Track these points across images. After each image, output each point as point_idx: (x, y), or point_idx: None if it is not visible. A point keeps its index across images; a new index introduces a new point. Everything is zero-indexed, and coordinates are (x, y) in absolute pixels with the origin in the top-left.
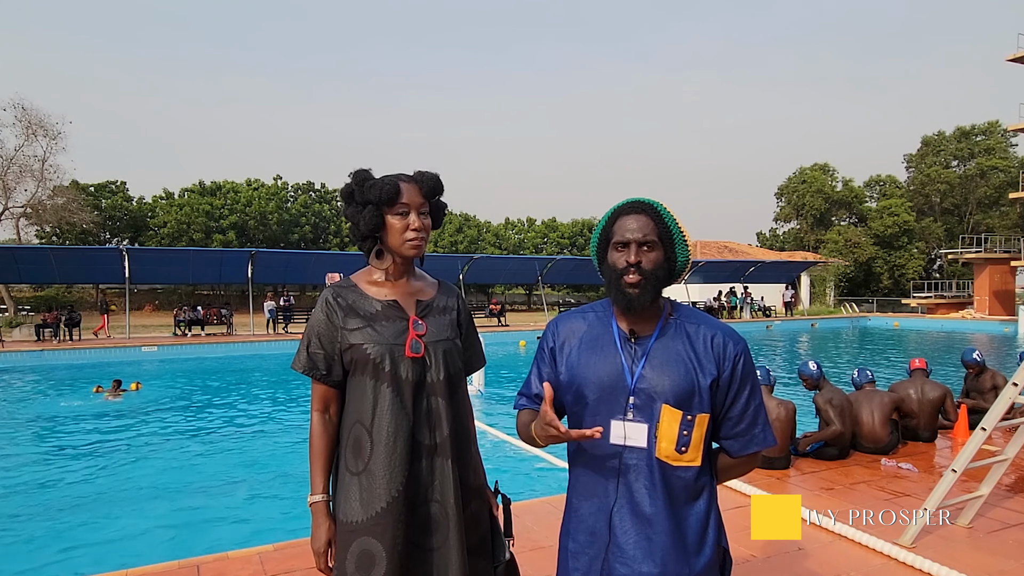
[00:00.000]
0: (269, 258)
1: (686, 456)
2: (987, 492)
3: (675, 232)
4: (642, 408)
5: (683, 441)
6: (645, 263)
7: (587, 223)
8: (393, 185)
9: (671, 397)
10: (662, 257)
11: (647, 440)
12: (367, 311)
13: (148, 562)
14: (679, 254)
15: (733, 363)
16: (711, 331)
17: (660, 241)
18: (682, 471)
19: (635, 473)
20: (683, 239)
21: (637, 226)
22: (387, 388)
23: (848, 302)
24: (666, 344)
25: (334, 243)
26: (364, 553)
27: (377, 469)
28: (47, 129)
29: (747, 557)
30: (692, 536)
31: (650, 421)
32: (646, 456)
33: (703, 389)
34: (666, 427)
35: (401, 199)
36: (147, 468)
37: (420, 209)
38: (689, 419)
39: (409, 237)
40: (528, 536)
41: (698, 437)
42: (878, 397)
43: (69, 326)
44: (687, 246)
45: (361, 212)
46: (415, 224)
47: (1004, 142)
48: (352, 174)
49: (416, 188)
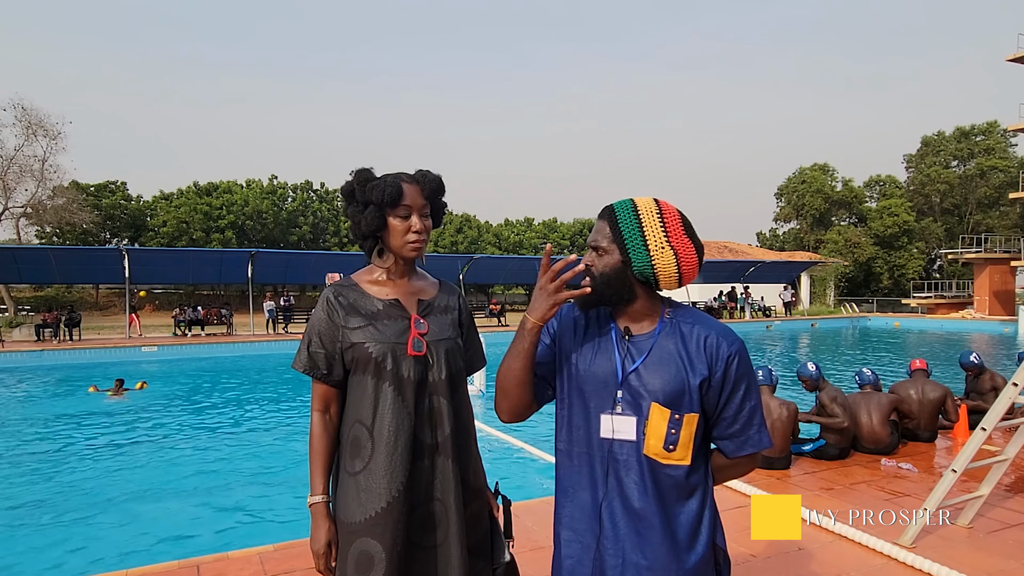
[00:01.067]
0: (269, 258)
1: (675, 455)
2: (987, 492)
3: (628, 235)
4: (631, 403)
5: (671, 440)
6: (596, 267)
7: (587, 223)
8: (396, 187)
9: (660, 396)
10: (615, 261)
11: (636, 434)
12: (368, 310)
13: (148, 562)
14: (634, 259)
15: (726, 364)
16: (705, 331)
17: (614, 244)
18: (672, 469)
19: (625, 468)
20: (639, 243)
21: (594, 230)
22: (389, 387)
23: (848, 302)
24: (660, 343)
25: (333, 243)
26: (363, 554)
27: (377, 469)
28: (47, 129)
29: (747, 557)
30: (683, 533)
31: (638, 415)
32: (635, 451)
33: (693, 389)
34: (654, 425)
35: (403, 201)
36: (147, 468)
37: (422, 211)
38: (677, 418)
39: (411, 239)
40: (528, 536)
41: (687, 436)
42: (877, 398)
43: (69, 326)
44: (646, 250)
45: (363, 212)
46: (416, 226)
47: (1004, 142)
48: (354, 173)
49: (418, 189)
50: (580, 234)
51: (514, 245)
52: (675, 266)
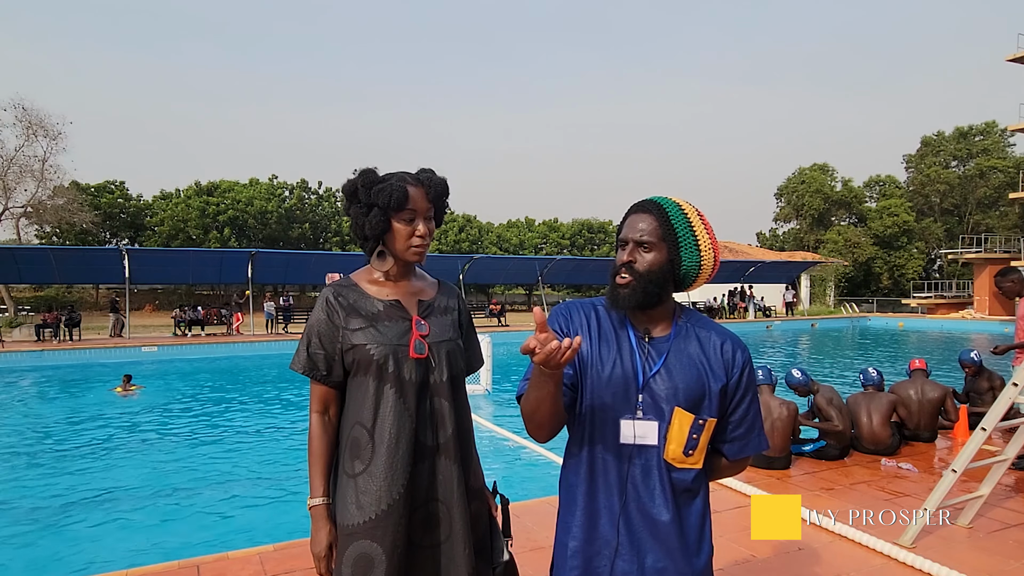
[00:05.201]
0: (269, 258)
1: (691, 459)
2: (987, 492)
3: (681, 234)
4: (652, 408)
5: (691, 444)
6: (639, 264)
7: (587, 223)
8: (402, 191)
9: (683, 400)
10: (662, 259)
11: (658, 438)
12: (369, 311)
13: (148, 562)
14: (685, 258)
15: (741, 371)
16: (720, 338)
17: (663, 242)
18: (684, 473)
19: (644, 473)
20: (692, 242)
21: (637, 225)
22: (390, 389)
23: (848, 302)
24: (680, 347)
25: (334, 242)
26: (362, 556)
27: (378, 471)
28: (47, 129)
29: (747, 557)
30: (693, 535)
31: (660, 420)
32: (656, 456)
33: (713, 394)
34: (677, 430)
35: (409, 205)
36: (146, 468)
37: (426, 214)
38: (700, 423)
39: (415, 243)
40: (528, 536)
41: (704, 441)
42: (876, 399)
43: (69, 326)
44: (697, 250)
45: (367, 215)
46: (421, 231)
47: (1001, 142)
48: (358, 172)
49: (423, 193)
50: (579, 234)
51: (514, 246)
52: (711, 269)
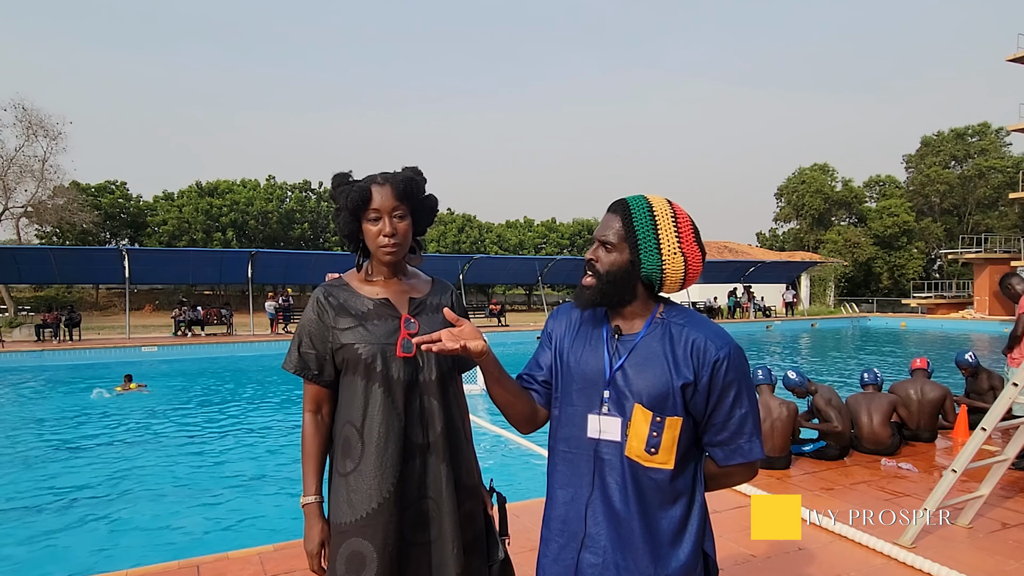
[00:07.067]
0: (269, 258)
1: (657, 458)
2: (987, 492)
3: (642, 236)
4: (616, 404)
5: (652, 442)
6: (600, 264)
7: (587, 223)
8: (360, 191)
9: (644, 397)
10: (623, 260)
11: (620, 434)
12: (358, 310)
13: (148, 562)
14: (644, 260)
15: (712, 368)
16: (695, 334)
17: (624, 243)
18: (654, 472)
19: (609, 467)
20: (653, 245)
21: (605, 224)
22: (378, 388)
23: (848, 302)
24: (648, 344)
25: (334, 242)
26: (354, 554)
27: (367, 470)
28: (47, 129)
29: (747, 557)
30: (664, 538)
31: (623, 416)
32: (619, 451)
33: (676, 392)
34: (636, 426)
35: (372, 204)
36: (146, 468)
37: (393, 213)
38: (659, 421)
39: (381, 243)
40: (527, 536)
41: (669, 440)
42: (876, 399)
43: (69, 326)
44: (659, 253)
45: (339, 217)
46: (387, 230)
47: (998, 142)
48: (332, 177)
49: (388, 191)
50: (579, 235)
51: (514, 246)
52: (682, 272)
